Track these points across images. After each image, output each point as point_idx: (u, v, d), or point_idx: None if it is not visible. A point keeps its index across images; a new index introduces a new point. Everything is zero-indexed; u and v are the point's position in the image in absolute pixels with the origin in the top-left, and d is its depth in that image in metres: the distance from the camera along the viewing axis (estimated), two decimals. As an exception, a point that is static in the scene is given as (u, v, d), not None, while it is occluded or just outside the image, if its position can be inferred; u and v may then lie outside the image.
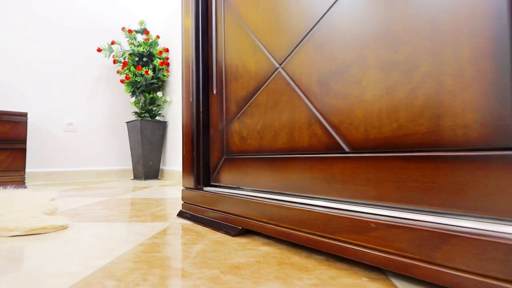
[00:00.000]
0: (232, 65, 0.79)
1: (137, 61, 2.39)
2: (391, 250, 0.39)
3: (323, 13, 0.55)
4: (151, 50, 2.41)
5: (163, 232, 0.72)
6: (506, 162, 0.34)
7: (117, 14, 2.62)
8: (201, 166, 0.85)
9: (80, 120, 2.39)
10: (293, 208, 0.54)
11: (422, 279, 0.37)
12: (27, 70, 2.16)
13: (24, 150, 1.83)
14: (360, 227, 0.43)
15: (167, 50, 2.49)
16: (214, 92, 0.85)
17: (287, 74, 0.62)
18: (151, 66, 2.42)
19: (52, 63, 2.27)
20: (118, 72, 2.38)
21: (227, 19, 0.82)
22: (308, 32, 0.58)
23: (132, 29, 2.68)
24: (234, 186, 0.77)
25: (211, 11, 0.88)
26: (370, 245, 0.42)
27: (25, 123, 1.84)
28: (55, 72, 2.28)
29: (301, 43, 0.59)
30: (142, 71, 2.32)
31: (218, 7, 0.86)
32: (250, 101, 0.72)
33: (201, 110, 0.86)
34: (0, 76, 2.06)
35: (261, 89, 0.69)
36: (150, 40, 2.42)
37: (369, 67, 0.48)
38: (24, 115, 1.84)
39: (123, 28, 2.38)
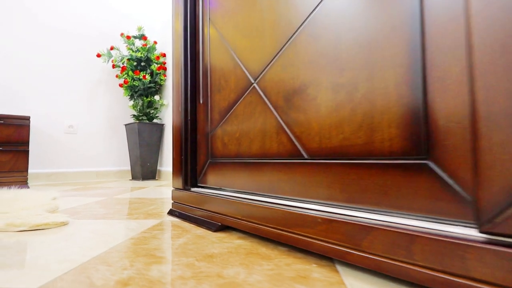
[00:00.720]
0: (216, 78, 0.88)
1: (135, 66, 2.48)
2: (332, 241, 0.48)
3: (288, 38, 0.64)
4: (149, 55, 2.50)
5: (153, 228, 0.80)
6: (419, 169, 0.43)
7: (116, 20, 2.72)
8: (189, 168, 0.94)
9: (80, 123, 2.48)
10: (261, 206, 0.63)
11: (353, 263, 0.45)
12: (30, 75, 2.25)
13: (27, 152, 1.92)
14: (310, 221, 0.52)
15: (164, 55, 2.58)
16: (201, 101, 0.94)
17: (260, 89, 0.71)
18: (148, 71, 2.51)
19: (54, 68, 2.36)
20: (117, 76, 2.47)
21: (212, 36, 0.90)
22: (277, 54, 0.67)
23: (131, 35, 2.77)
24: (217, 187, 0.86)
25: (198, 28, 0.97)
26: (317, 237, 0.50)
27: (28, 126, 1.93)
28: (56, 77, 2.37)
29: (271, 63, 0.68)
30: (140, 75, 2.41)
31: (204, 25, 0.94)
32: (231, 112, 0.81)
33: (189, 118, 0.95)
34: (4, 81, 2.15)
35: (239, 101, 0.77)
36: (148, 46, 2.51)
37: (322, 87, 0.56)
38: (27, 118, 1.93)
39: (121, 34, 2.47)
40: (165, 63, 2.61)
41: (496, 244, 0.32)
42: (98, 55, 2.40)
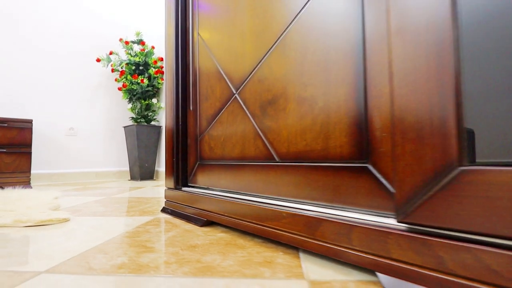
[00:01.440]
0: (204, 87, 0.96)
1: (133, 70, 2.57)
2: (294, 231, 0.57)
3: (264, 54, 0.72)
4: (147, 59, 2.59)
5: (147, 224, 0.89)
6: (361, 171, 0.51)
7: (115, 25, 2.80)
8: (180, 170, 1.03)
9: (80, 125, 2.57)
10: (241, 204, 0.71)
11: (309, 250, 0.54)
12: (32, 80, 2.34)
13: (29, 154, 2.01)
14: (277, 216, 0.60)
15: (161, 59, 2.67)
16: (191, 108, 1.03)
17: (241, 99, 0.79)
18: (146, 75, 2.60)
19: (55, 72, 2.45)
20: (116, 80, 2.56)
21: (200, 48, 0.99)
22: (255, 68, 0.75)
23: (129, 40, 2.85)
24: (205, 187, 0.94)
25: (188, 39, 1.05)
26: (283, 229, 0.59)
27: (30, 129, 2.02)
28: (57, 81, 2.46)
29: (250, 75, 0.77)
30: (138, 79, 2.50)
31: (194, 37, 1.03)
32: (216, 118, 0.89)
33: (180, 123, 1.04)
34: (7, 86, 2.24)
35: (223, 109, 0.86)
36: (146, 50, 2.60)
37: (290, 99, 0.65)
38: (29, 121, 2.02)
39: (120, 39, 2.56)
40: (163, 67, 2.70)
41: (407, 231, 0.41)
42: (98, 60, 2.49)
